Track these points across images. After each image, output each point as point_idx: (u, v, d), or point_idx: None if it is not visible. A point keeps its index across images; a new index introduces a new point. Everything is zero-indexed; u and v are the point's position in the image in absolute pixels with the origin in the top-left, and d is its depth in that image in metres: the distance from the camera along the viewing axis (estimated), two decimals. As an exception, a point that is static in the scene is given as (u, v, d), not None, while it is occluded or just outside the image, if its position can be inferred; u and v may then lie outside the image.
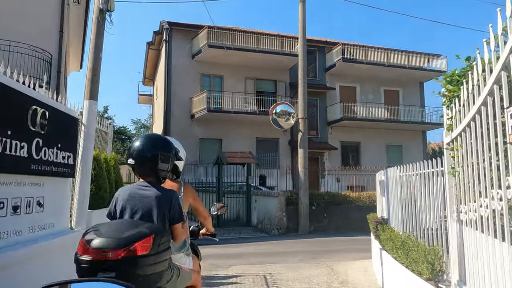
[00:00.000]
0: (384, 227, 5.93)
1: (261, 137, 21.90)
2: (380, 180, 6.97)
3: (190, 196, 2.95)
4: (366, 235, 13.63)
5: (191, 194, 2.96)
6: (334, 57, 23.03)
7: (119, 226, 2.07)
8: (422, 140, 25.15)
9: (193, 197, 2.99)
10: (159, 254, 1.98)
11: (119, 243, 1.87)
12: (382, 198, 6.91)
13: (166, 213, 2.29)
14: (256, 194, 13.80)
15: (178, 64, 21.28)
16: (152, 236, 1.96)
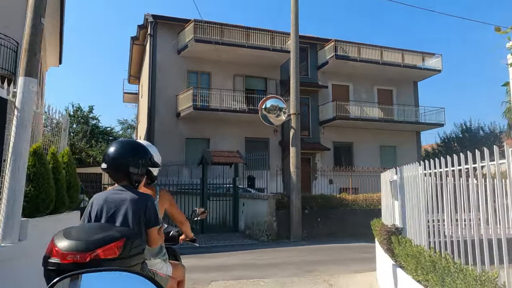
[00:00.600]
0: (399, 239, 4.67)
1: (250, 137, 20.63)
2: (390, 181, 5.72)
3: (166, 201, 2.88)
4: (364, 241, 12.43)
5: (167, 199, 2.90)
6: (327, 54, 21.87)
7: (90, 229, 2.06)
8: (416, 141, 24.11)
9: (169, 202, 2.92)
10: (130, 258, 1.95)
11: (87, 246, 1.85)
12: (393, 202, 5.65)
13: (142, 216, 2.27)
14: (244, 197, 12.49)
15: (163, 60, 19.92)
16: (123, 240, 1.93)
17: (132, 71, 25.55)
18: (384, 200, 6.94)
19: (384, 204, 6.82)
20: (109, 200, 2.30)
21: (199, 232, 12.00)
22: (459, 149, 25.58)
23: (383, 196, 7.09)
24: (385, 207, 6.60)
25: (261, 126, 20.84)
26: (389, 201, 5.82)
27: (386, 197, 6.32)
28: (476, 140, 24.82)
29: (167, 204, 2.89)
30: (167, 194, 2.92)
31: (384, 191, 6.81)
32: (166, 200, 2.88)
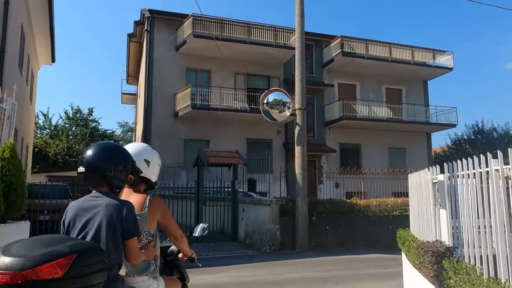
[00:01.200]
0: (455, 265, 3.23)
1: (252, 138, 19.24)
2: (434, 182, 4.28)
3: (157, 211, 2.34)
4: (379, 252, 10.93)
5: (159, 209, 2.35)
6: (333, 51, 20.47)
7: (34, 243, 1.70)
8: (427, 143, 22.59)
9: (162, 213, 2.36)
10: (85, 278, 1.66)
11: (23, 264, 1.55)
12: (438, 210, 4.20)
13: (117, 226, 1.93)
14: (244, 202, 11.07)
15: (160, 57, 18.61)
16: (72, 256, 1.63)
17: (130, 71, 24.26)
18: (414, 207, 5.50)
19: (415, 211, 5.39)
20: (82, 208, 2.01)
21: (194, 242, 10.58)
22: (471, 152, 24.05)
23: (413, 201, 5.66)
24: (416, 215, 5.17)
25: (264, 127, 19.49)
26: (429, 209, 4.37)
27: (420, 204, 4.88)
28: (489, 142, 23.31)
29: (158, 214, 2.36)
30: (159, 203, 2.38)
31: (415, 196, 5.38)
32: (157, 209, 2.35)
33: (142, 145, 2.44)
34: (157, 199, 2.38)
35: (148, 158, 2.35)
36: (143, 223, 2.22)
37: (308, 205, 10.35)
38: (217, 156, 10.52)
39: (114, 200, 2.00)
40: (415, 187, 5.26)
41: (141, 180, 2.35)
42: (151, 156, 2.39)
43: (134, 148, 2.35)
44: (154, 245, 2.30)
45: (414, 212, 5.49)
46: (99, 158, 2.02)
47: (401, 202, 11.87)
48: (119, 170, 2.05)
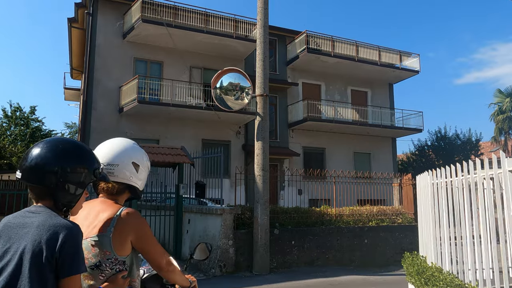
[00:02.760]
0: None
1: (208, 139, 16.82)
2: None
3: (130, 232, 1.60)
4: (355, 273, 8.76)
5: (133, 228, 1.61)
6: (297, 48, 18.55)
7: None
8: (392, 149, 21.12)
9: (137, 234, 1.62)
10: None
11: None
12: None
13: (47, 257, 1.23)
14: (190, 211, 8.62)
15: (104, 44, 15.86)
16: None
17: (74, 63, 21.09)
18: (423, 222, 3.35)
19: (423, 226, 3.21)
20: (7, 226, 1.33)
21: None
22: (435, 158, 22.88)
23: (421, 214, 3.50)
24: (424, 230, 2.98)
25: (222, 127, 17.15)
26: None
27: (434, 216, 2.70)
28: (452, 149, 22.23)
29: (132, 235, 1.60)
30: (133, 219, 1.61)
31: (422, 206, 3.22)
32: (130, 229, 1.59)
33: (127, 142, 1.75)
34: (131, 214, 1.61)
35: (137, 161, 1.72)
36: (106, 248, 1.54)
37: (270, 215, 8.08)
38: (156, 153, 8.03)
39: (50, 219, 1.29)
40: (427, 195, 3.11)
41: (124, 188, 1.70)
42: (141, 158, 1.75)
43: (118, 146, 1.69)
44: (129, 276, 1.60)
45: (420, 227, 3.35)
46: (40, 159, 1.34)
47: (377, 210, 9.89)
48: (68, 179, 1.34)
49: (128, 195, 1.78)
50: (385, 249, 9.36)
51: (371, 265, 9.03)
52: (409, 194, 11.18)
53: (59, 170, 1.34)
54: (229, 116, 16.36)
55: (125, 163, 1.68)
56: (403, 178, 10.77)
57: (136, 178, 1.73)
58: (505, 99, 23.49)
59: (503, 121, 23.21)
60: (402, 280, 8.04)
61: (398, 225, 9.67)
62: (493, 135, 23.99)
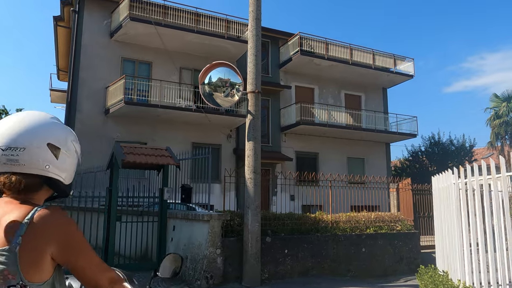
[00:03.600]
0: None
1: (198, 142, 16.12)
2: None
3: (49, 241, 1.10)
4: (353, 284, 8.11)
5: (54, 234, 1.11)
6: (290, 50, 18.01)
7: None
8: (386, 154, 20.60)
9: (60, 242, 1.11)
10: None
11: None
12: None
13: None
14: (175, 217, 7.90)
15: (91, 43, 15.15)
16: None
17: (60, 64, 20.32)
18: (451, 229, 2.71)
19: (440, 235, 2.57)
20: None
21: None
22: (429, 164, 22.43)
23: (442, 220, 2.89)
24: (441, 241, 2.33)
25: (212, 130, 16.48)
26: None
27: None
28: (446, 154, 21.81)
29: (53, 246, 1.10)
30: (52, 223, 1.11)
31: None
32: (48, 238, 1.10)
33: (41, 116, 1.21)
34: (50, 215, 1.11)
35: (56, 142, 1.18)
36: (8, 269, 1.03)
37: (261, 222, 7.40)
38: (138, 153, 7.31)
39: None
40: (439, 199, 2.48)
41: (39, 182, 1.18)
42: (62, 138, 1.21)
43: (25, 122, 1.17)
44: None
45: (438, 237, 2.71)
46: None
47: (375, 217, 9.26)
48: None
49: (48, 192, 1.25)
50: (384, 258, 8.73)
51: (369, 275, 8.38)
52: (407, 199, 10.60)
53: None
54: (220, 119, 15.72)
55: (36, 145, 1.16)
56: (402, 182, 10.18)
57: (55, 167, 1.19)
58: (502, 104, 23.20)
59: (500, 125, 22.88)
60: (404, 292, 7.41)
61: (397, 233, 9.05)
62: (489, 140, 23.67)
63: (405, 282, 8.23)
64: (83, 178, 12.21)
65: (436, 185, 3.84)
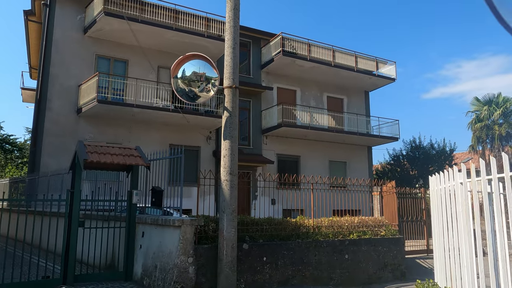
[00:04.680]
0: None
1: (176, 144, 15.38)
2: None
3: None
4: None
5: None
6: (272, 50, 17.55)
7: None
8: (368, 157, 20.33)
9: None
10: None
11: None
12: None
13: None
14: (144, 223, 7.23)
15: (63, 39, 14.31)
16: None
17: (32, 61, 19.28)
18: (440, 239, 2.21)
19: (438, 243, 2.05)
20: None
21: (60, 283, 6.49)
22: (410, 168, 22.28)
23: (436, 228, 2.39)
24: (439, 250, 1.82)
25: (191, 131, 15.82)
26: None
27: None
28: (427, 158, 21.70)
29: None
30: None
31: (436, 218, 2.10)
32: None
33: None
34: None
35: None
36: None
37: (238, 227, 6.81)
38: (104, 152, 6.62)
39: None
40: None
41: None
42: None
43: None
44: None
45: (437, 245, 2.21)
46: None
47: (358, 222, 8.79)
48: None
49: None
50: (368, 265, 8.25)
51: (353, 283, 7.89)
52: (391, 203, 10.19)
53: None
54: (198, 120, 15.09)
55: None
56: (386, 185, 9.76)
57: None
58: (483, 107, 23.29)
59: (481, 129, 22.94)
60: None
61: (381, 238, 8.60)
62: (471, 143, 23.73)
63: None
64: (50, 180, 11.40)
65: (434, 186, 3.37)
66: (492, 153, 21.99)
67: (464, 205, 2.51)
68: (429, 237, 11.49)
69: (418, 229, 11.25)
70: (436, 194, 3.23)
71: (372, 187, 11.03)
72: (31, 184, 12.83)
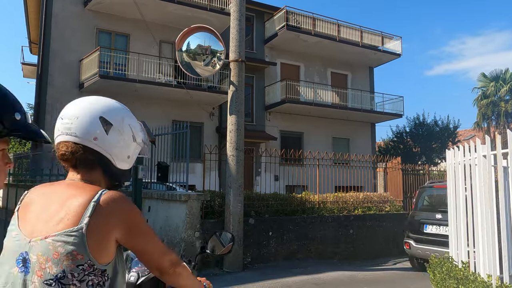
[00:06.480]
0: None
1: (179, 120, 15.24)
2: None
3: (116, 225, 1.08)
4: (340, 267, 7.56)
5: (121, 218, 1.09)
6: (276, 25, 17.16)
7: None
8: (371, 134, 20.22)
9: (126, 227, 1.10)
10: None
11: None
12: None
13: None
14: (150, 197, 7.24)
15: (62, 13, 13.98)
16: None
17: (32, 36, 18.92)
18: (456, 214, 2.13)
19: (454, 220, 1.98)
20: None
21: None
22: (413, 145, 22.21)
23: (452, 206, 2.29)
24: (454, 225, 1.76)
25: (194, 107, 15.65)
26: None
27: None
28: (431, 135, 21.59)
29: (119, 230, 1.08)
30: (118, 206, 1.09)
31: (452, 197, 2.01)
32: (115, 222, 1.08)
33: (105, 98, 1.25)
34: (116, 200, 1.08)
35: (108, 118, 1.16)
36: (77, 249, 1.01)
37: (244, 203, 6.80)
38: (108, 127, 6.55)
39: None
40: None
41: (93, 160, 1.14)
42: (118, 118, 1.18)
43: (88, 98, 1.22)
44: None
45: (452, 221, 2.15)
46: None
47: (363, 197, 8.79)
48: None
49: (101, 174, 1.16)
50: (372, 240, 8.30)
51: (357, 258, 7.96)
52: (396, 179, 10.17)
53: None
54: (202, 95, 14.92)
55: (88, 115, 1.15)
56: (391, 162, 9.71)
57: (103, 142, 1.12)
58: (490, 84, 22.92)
59: (487, 106, 22.67)
60: (395, 277, 6.98)
61: (386, 213, 8.62)
62: (476, 120, 23.52)
63: (394, 264, 7.84)
64: (54, 155, 11.38)
65: (451, 160, 3.29)
66: (498, 130, 21.84)
67: (487, 179, 2.44)
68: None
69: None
70: (453, 168, 3.16)
71: (376, 164, 10.98)
72: (35, 159, 12.82)
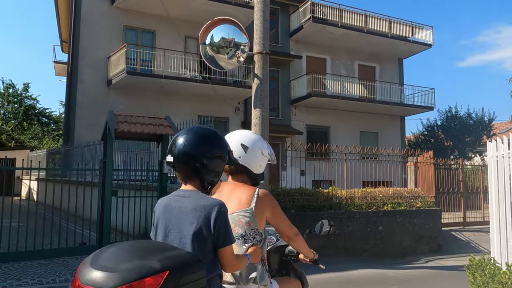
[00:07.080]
0: None
1: (205, 115, 15.23)
2: None
3: (266, 209, 1.97)
4: (370, 265, 7.35)
5: (269, 205, 1.99)
6: (301, 17, 16.84)
7: (124, 253, 1.38)
8: (400, 128, 19.61)
9: (272, 211, 2.00)
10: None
11: (109, 280, 1.24)
12: None
13: (206, 233, 1.55)
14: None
15: (91, 11, 14.25)
16: (164, 273, 1.29)
17: (63, 35, 19.46)
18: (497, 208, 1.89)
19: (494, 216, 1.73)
20: (168, 209, 1.64)
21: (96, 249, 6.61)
22: (445, 139, 21.37)
23: (493, 200, 2.06)
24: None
25: (219, 102, 15.62)
26: None
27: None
28: (464, 129, 20.68)
29: (268, 211, 1.97)
30: (268, 198, 1.99)
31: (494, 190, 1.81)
32: (266, 206, 1.96)
33: (245, 131, 2.14)
34: (266, 194, 1.99)
35: (246, 143, 2.04)
36: (251, 220, 1.92)
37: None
38: (133, 122, 6.55)
39: (200, 201, 1.59)
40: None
41: (240, 169, 2.03)
42: (251, 143, 2.05)
43: (235, 134, 2.11)
44: (261, 247, 1.94)
45: (494, 218, 1.92)
46: (191, 144, 1.63)
47: (392, 193, 8.47)
48: (213, 161, 1.65)
49: (246, 177, 2.06)
50: (402, 237, 8.00)
51: (386, 255, 7.68)
52: (428, 174, 9.75)
53: (203, 152, 1.62)
54: (227, 90, 14.88)
55: (233, 145, 1.98)
56: (423, 156, 9.31)
57: (244, 158, 2.02)
58: (529, 73, 21.70)
59: (525, 97, 21.54)
60: (427, 276, 6.69)
61: (417, 210, 8.27)
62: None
63: (425, 263, 7.51)
64: (84, 151, 11.64)
65: (493, 153, 3.05)
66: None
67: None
68: (466, 209, 11.03)
69: (454, 201, 10.79)
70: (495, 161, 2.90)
71: (406, 158, 10.58)
72: (66, 155, 13.18)
